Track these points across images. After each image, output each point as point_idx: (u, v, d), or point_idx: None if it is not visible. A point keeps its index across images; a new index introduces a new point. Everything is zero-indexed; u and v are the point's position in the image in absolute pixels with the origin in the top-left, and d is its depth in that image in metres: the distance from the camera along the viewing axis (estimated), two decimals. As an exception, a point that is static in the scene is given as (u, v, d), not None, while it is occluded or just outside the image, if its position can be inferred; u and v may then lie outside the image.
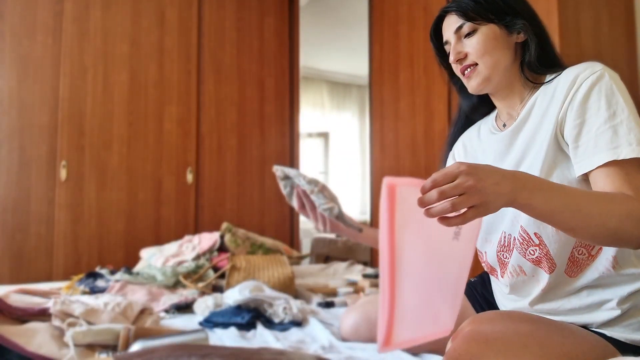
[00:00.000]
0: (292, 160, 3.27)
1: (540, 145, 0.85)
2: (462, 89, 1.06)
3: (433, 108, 2.37)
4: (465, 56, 0.93)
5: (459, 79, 1.03)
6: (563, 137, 0.84)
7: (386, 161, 2.70)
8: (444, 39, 0.98)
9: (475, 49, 0.91)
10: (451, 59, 0.95)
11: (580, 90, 0.81)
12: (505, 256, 0.93)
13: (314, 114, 4.48)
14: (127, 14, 2.78)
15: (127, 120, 2.74)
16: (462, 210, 0.62)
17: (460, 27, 0.93)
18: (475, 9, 0.91)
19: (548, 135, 0.84)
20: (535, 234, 0.86)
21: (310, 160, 4.30)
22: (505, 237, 0.92)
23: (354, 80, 4.56)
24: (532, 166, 0.86)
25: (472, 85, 0.94)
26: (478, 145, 1.04)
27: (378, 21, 2.79)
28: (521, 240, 0.88)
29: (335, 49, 4.04)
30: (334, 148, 4.56)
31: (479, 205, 0.63)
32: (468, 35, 0.93)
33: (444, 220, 0.62)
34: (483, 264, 1.03)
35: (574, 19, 1.84)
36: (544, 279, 0.86)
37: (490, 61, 0.91)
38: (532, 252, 0.87)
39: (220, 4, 3.07)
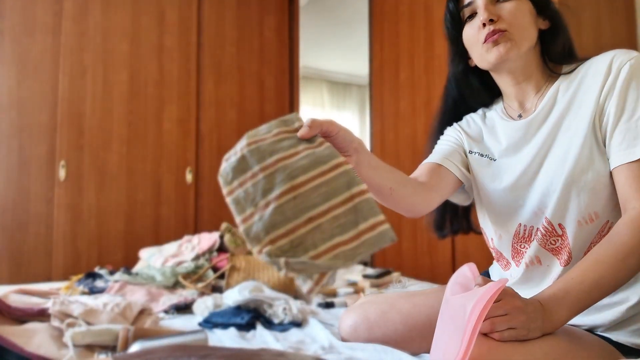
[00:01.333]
0: (292, 160, 3.27)
1: (572, 136, 0.82)
2: (463, 72, 1.01)
3: (433, 108, 2.36)
4: (498, 19, 0.86)
5: (461, 60, 0.98)
6: (601, 126, 0.80)
7: (386, 161, 2.68)
8: (468, 0, 0.90)
9: (512, 14, 0.85)
10: (483, 17, 0.86)
11: (620, 76, 0.78)
12: (523, 246, 0.92)
13: (314, 113, 4.48)
14: (127, 13, 2.77)
15: (126, 119, 2.73)
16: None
17: None
18: None
19: (583, 125, 0.81)
20: (559, 224, 0.84)
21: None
22: (525, 230, 0.90)
23: (354, 80, 4.56)
24: (566, 157, 0.82)
25: (500, 51, 0.86)
26: (484, 129, 1.00)
27: (378, 20, 2.79)
28: (544, 232, 0.86)
29: (335, 49, 4.03)
30: (333, 148, 4.55)
31: (519, 335, 0.67)
32: (502, 0, 0.87)
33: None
34: (491, 250, 1.02)
35: (574, 18, 1.84)
36: (556, 270, 0.86)
37: (524, 33, 0.86)
38: (553, 242, 0.86)
39: (220, 3, 3.07)
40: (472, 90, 1.02)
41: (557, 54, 0.89)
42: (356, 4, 3.04)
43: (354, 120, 4.68)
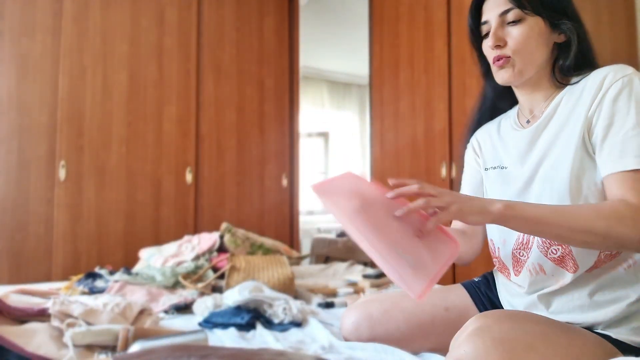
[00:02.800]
0: (292, 160, 3.27)
1: (566, 146, 0.84)
2: (487, 73, 1.04)
3: (433, 108, 2.37)
4: (505, 45, 0.89)
5: (486, 61, 1.01)
6: (590, 139, 0.83)
7: (386, 161, 2.70)
8: (484, 19, 0.94)
9: (517, 41, 0.88)
10: (490, 43, 0.91)
11: (609, 92, 0.81)
12: (522, 254, 0.92)
13: (314, 113, 4.48)
14: (127, 13, 2.77)
15: (126, 120, 2.73)
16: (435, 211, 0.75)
17: (506, 12, 0.89)
18: None
19: (575, 137, 0.83)
20: None
21: (310, 160, 4.30)
22: (524, 235, 0.91)
23: (354, 80, 4.56)
24: (558, 165, 0.84)
25: (503, 76, 0.91)
26: (498, 141, 1.03)
27: (378, 21, 2.79)
28: (542, 239, 0.87)
29: (335, 49, 4.03)
30: (334, 148, 4.56)
31: (451, 207, 0.74)
32: (512, 22, 0.89)
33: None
34: (495, 260, 1.02)
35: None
36: (567, 278, 0.86)
37: (528, 58, 0.89)
38: (554, 252, 0.86)
39: (219, 3, 3.07)
40: (496, 90, 1.06)
41: (567, 66, 0.90)
42: (356, 5, 3.05)
43: (354, 120, 4.68)
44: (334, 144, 4.56)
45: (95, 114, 2.65)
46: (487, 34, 0.94)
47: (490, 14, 0.92)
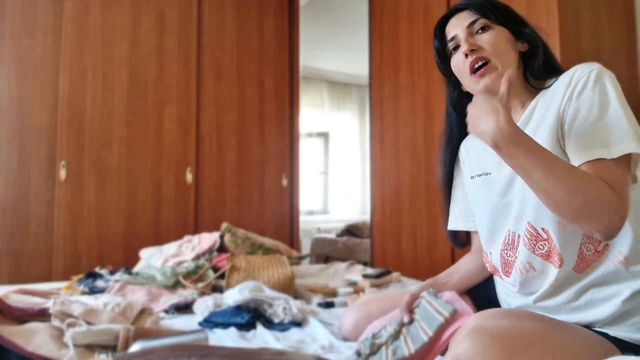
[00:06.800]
0: (292, 160, 3.27)
1: (543, 145, 0.85)
2: (459, 97, 1.07)
3: (433, 108, 2.37)
4: (479, 49, 0.93)
5: (455, 87, 1.05)
6: (562, 135, 0.85)
7: (386, 161, 2.70)
8: (451, 35, 0.98)
9: (489, 44, 0.92)
10: (464, 48, 0.94)
11: (577, 88, 0.84)
12: (509, 254, 0.93)
13: (314, 113, 4.48)
14: (127, 13, 2.78)
15: (126, 120, 2.74)
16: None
17: (473, 22, 0.94)
18: (491, 8, 0.94)
19: (550, 135, 0.85)
20: (542, 228, 0.86)
21: (310, 160, 4.30)
22: (510, 236, 0.92)
23: (353, 80, 4.56)
24: None
25: (486, 82, 0.92)
26: (480, 144, 1.04)
27: (378, 21, 2.79)
28: (529, 237, 0.88)
29: (335, 49, 4.04)
30: (334, 148, 4.56)
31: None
32: (480, 31, 0.94)
33: None
34: (487, 264, 1.03)
35: (574, 19, 1.84)
36: (552, 273, 0.86)
37: (505, 59, 0.92)
38: (541, 247, 0.87)
39: (220, 3, 3.07)
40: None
41: (537, 71, 0.95)
42: (356, 5, 3.05)
43: (354, 120, 4.68)
44: (334, 144, 4.56)
45: (95, 113, 2.66)
46: (455, 49, 0.98)
47: (457, 29, 0.97)
